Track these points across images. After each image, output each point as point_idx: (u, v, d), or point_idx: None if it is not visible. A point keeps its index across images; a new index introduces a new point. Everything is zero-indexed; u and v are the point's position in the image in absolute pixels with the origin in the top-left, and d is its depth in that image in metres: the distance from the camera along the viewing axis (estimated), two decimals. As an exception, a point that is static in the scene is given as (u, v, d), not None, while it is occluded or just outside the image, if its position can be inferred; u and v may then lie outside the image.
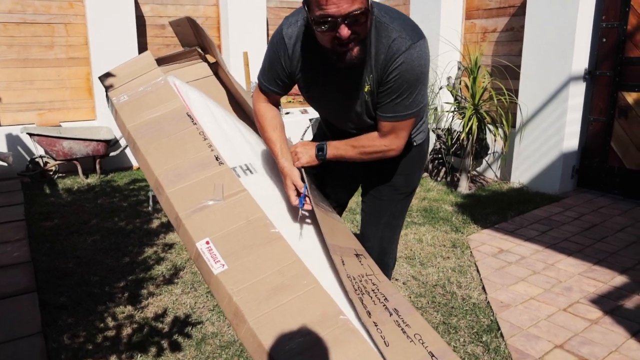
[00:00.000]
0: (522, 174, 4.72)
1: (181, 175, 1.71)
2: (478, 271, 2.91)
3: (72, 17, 5.42)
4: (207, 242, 1.53)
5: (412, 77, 1.52)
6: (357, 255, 1.71)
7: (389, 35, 1.50)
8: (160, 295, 2.70)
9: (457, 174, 4.84)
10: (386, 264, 2.01)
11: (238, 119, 2.09)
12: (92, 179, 5.06)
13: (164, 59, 2.28)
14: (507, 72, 4.85)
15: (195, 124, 1.89)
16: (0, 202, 4.34)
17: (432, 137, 5.35)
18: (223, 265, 1.47)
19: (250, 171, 1.81)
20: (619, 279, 2.82)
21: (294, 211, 1.76)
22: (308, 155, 1.74)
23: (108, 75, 2.11)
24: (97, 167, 5.14)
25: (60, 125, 5.28)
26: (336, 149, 1.73)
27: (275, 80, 1.72)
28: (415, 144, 1.87)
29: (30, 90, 5.35)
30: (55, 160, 5.00)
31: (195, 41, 2.38)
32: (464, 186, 4.59)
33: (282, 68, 1.68)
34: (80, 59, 5.53)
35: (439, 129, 5.13)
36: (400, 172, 1.89)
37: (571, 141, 4.44)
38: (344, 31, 1.38)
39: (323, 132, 2.02)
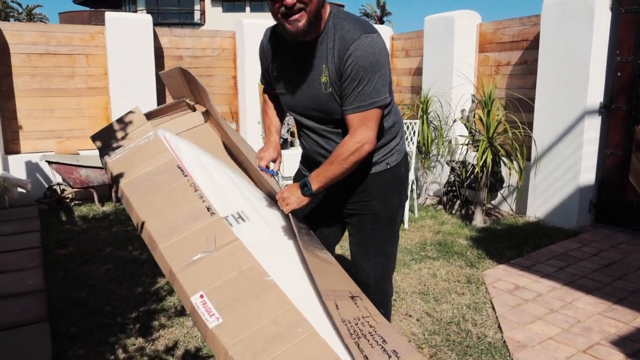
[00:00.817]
0: (538, 208, 4.67)
1: (173, 229, 1.73)
2: (494, 308, 2.86)
3: (92, 49, 5.57)
4: (202, 296, 1.53)
5: (366, 63, 1.63)
6: (352, 297, 1.70)
7: (343, 28, 1.66)
8: (172, 327, 2.68)
9: (472, 207, 4.80)
10: (385, 291, 2.01)
11: (229, 167, 2.11)
12: (108, 207, 5.11)
13: (153, 113, 2.34)
14: (521, 105, 4.85)
15: (186, 175, 1.93)
16: (17, 229, 4.39)
17: (446, 170, 5.34)
18: (218, 318, 1.47)
19: (242, 219, 1.81)
20: (640, 319, 2.74)
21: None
22: (296, 197, 1.77)
23: (100, 134, 2.18)
24: (113, 195, 5.20)
25: (78, 154, 5.37)
26: (318, 175, 1.76)
27: (264, 75, 1.99)
28: (388, 166, 1.90)
29: (51, 118, 5.48)
30: (72, 187, 5.06)
31: (185, 92, 2.41)
32: (479, 219, 4.55)
33: (263, 64, 1.94)
34: (100, 89, 5.65)
35: (453, 161, 5.11)
36: (376, 196, 1.90)
37: (587, 175, 4.40)
38: None
39: (300, 174, 2.07)
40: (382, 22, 37.14)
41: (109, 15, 5.54)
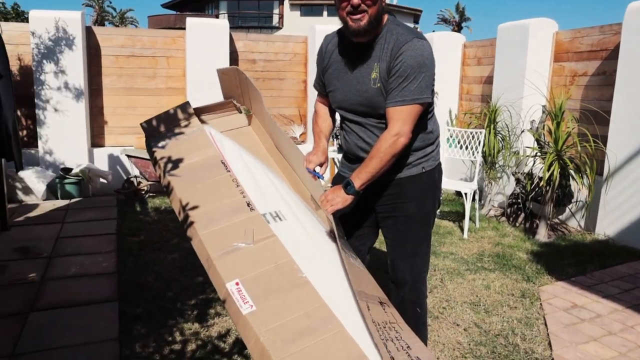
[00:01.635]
0: (608, 226, 4.43)
1: (214, 219, 1.82)
2: (546, 325, 2.77)
3: (173, 51, 5.95)
4: (237, 284, 1.60)
5: (414, 62, 1.78)
6: (381, 303, 1.74)
7: (398, 33, 1.83)
8: (226, 316, 2.83)
9: (536, 221, 4.64)
10: (420, 290, 2.07)
11: (269, 169, 2.19)
12: (178, 200, 5.43)
13: (201, 109, 2.45)
14: (595, 118, 4.63)
15: (229, 171, 2.02)
16: (97, 215, 4.79)
17: (512, 182, 5.19)
18: (252, 306, 1.53)
19: (280, 218, 1.89)
20: None
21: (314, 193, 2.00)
22: (340, 197, 1.87)
23: (150, 122, 2.29)
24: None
25: (154, 149, 5.74)
26: (359, 173, 1.86)
27: (318, 81, 2.12)
28: (424, 169, 1.99)
29: (132, 115, 5.90)
30: (148, 180, 5.43)
31: (236, 92, 2.52)
32: (543, 234, 4.39)
33: (320, 65, 2.07)
34: (178, 89, 6.02)
35: (519, 173, 4.97)
36: (410, 199, 1.98)
37: (666, 194, 4.12)
38: None
39: (339, 176, 2.16)
40: (460, 28, 36.32)
41: (190, 20, 5.89)
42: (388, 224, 2.06)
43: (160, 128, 2.27)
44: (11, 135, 3.51)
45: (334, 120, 2.22)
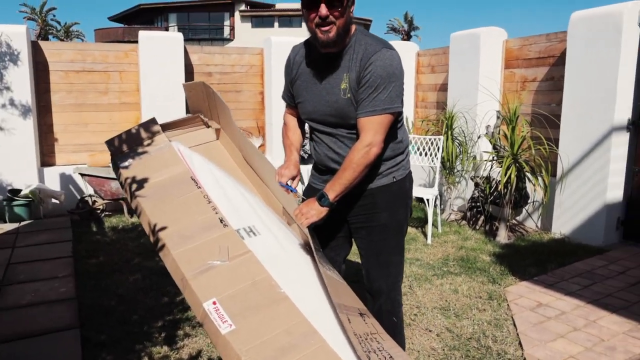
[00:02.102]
0: (563, 225, 4.61)
1: (186, 237, 1.76)
2: (515, 325, 2.84)
3: (126, 66, 5.79)
4: (214, 303, 1.55)
5: (384, 72, 1.79)
6: (361, 314, 1.74)
7: (366, 42, 1.85)
8: (196, 337, 2.75)
9: (496, 223, 4.77)
10: (395, 299, 2.08)
11: (240, 184, 2.16)
12: (137, 219, 5.26)
13: (168, 125, 2.38)
14: (547, 121, 4.82)
15: (200, 187, 1.97)
16: (51, 238, 4.57)
17: (471, 186, 5.32)
18: (231, 325, 1.49)
19: (254, 233, 1.85)
20: (667, 340, 2.69)
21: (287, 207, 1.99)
22: (315, 210, 1.86)
23: (114, 140, 2.21)
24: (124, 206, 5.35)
25: (109, 167, 5.55)
26: (333, 184, 1.86)
27: (287, 92, 2.12)
28: (395, 179, 2.00)
29: (84, 132, 5.69)
30: (103, 199, 5.24)
31: (204, 107, 2.48)
32: (503, 235, 4.52)
33: (288, 76, 2.07)
34: (131, 104, 5.86)
35: (478, 177, 5.10)
36: (382, 209, 2.00)
37: (615, 192, 4.33)
38: (323, 10, 1.74)
39: (310, 187, 2.17)
40: (409, 37, 37.19)
41: (142, 34, 5.76)
42: (361, 235, 2.06)
43: (126, 146, 2.18)
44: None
45: (303, 132, 2.21)
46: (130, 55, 5.79)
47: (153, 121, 2.29)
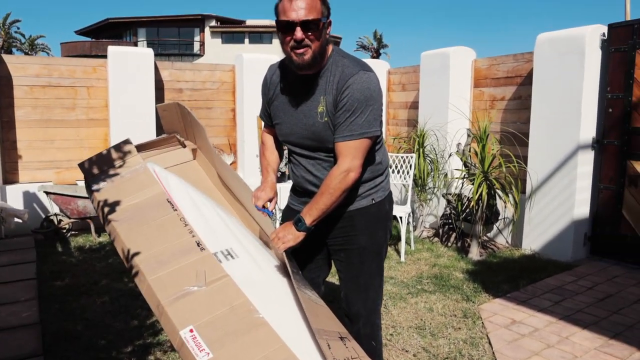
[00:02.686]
0: (533, 241, 4.69)
1: (162, 262, 1.72)
2: (490, 344, 2.85)
3: (94, 81, 5.67)
4: (191, 330, 1.51)
5: (361, 96, 1.77)
6: (341, 338, 1.71)
7: (343, 64, 1.83)
8: (167, 362, 2.66)
9: (468, 240, 4.82)
10: (375, 324, 2.05)
11: (217, 204, 2.12)
12: (104, 238, 5.11)
13: (143, 145, 2.35)
14: (516, 139, 4.94)
15: (176, 210, 1.92)
16: (13, 259, 4.38)
17: (442, 203, 5.38)
18: (208, 353, 1.45)
19: (232, 256, 1.82)
20: (638, 355, 2.74)
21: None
22: (291, 235, 1.84)
23: (87, 162, 2.16)
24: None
25: (76, 184, 5.39)
26: (310, 209, 1.83)
27: (264, 111, 2.08)
28: (374, 201, 1.98)
29: (50, 149, 5.52)
30: (70, 218, 5.07)
31: (179, 126, 2.45)
32: (475, 252, 4.56)
33: (265, 95, 2.03)
34: (100, 120, 5.72)
35: (449, 194, 5.16)
36: (362, 231, 1.97)
37: (582, 208, 4.44)
38: (299, 33, 1.72)
39: (289, 208, 2.14)
40: (378, 55, 37.78)
41: (112, 49, 5.65)
42: (340, 257, 2.03)
43: (99, 168, 2.12)
44: None
45: (281, 152, 2.18)
46: (99, 70, 5.68)
47: (127, 142, 2.24)
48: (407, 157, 5.03)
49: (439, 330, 3.04)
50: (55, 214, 5.12)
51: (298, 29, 1.72)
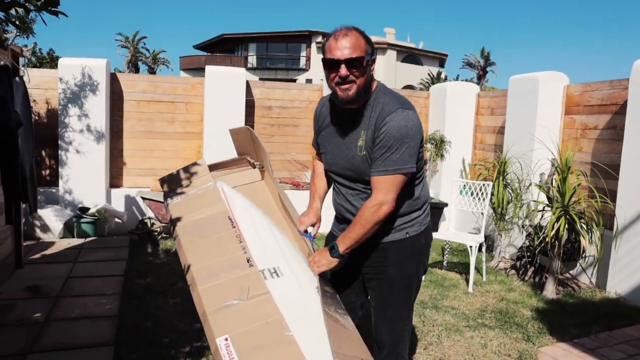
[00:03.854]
0: (619, 283, 4.32)
1: (213, 274, 1.90)
2: (540, 390, 2.71)
3: (192, 97, 6.18)
4: (226, 339, 1.66)
5: (397, 133, 1.83)
6: None
7: (384, 101, 1.90)
8: (217, 366, 2.85)
9: (546, 275, 4.55)
10: (399, 354, 2.07)
11: (274, 225, 2.26)
12: (189, 242, 5.52)
13: (216, 165, 2.57)
14: (607, 172, 4.59)
15: (235, 227, 2.10)
16: (109, 256, 4.91)
17: (523, 234, 5.13)
18: None
19: (277, 274, 1.95)
20: None
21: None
22: (326, 260, 1.95)
23: (167, 178, 2.43)
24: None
25: (169, 191, 5.89)
26: (343, 238, 1.93)
27: (315, 140, 2.20)
28: (408, 235, 2.01)
29: (150, 158, 6.11)
30: (161, 222, 5.56)
31: (249, 149, 2.64)
32: (550, 290, 4.30)
33: (315, 125, 2.16)
34: (195, 134, 6.22)
35: (529, 225, 4.92)
36: (393, 263, 2.01)
37: (678, 253, 4.02)
38: (343, 70, 1.82)
39: (331, 235, 2.22)
40: (485, 72, 36.51)
41: (209, 68, 6.14)
42: (372, 286, 2.09)
43: (176, 184, 2.41)
44: (27, 179, 3.68)
45: (329, 180, 2.28)
46: (197, 87, 6.19)
47: (200, 162, 2.50)
48: (485, 184, 4.88)
49: (489, 368, 2.94)
50: (149, 218, 5.65)
51: (342, 66, 1.81)
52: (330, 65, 1.85)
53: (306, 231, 2.14)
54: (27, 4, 2.25)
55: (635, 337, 3.46)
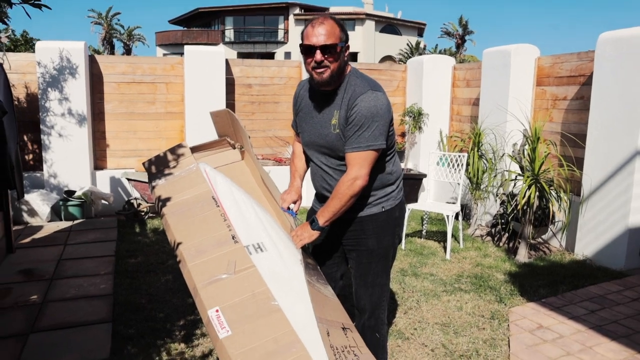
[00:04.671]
0: (586, 246, 4.60)
1: (201, 251, 2.04)
2: (509, 346, 2.95)
3: (172, 77, 6.22)
4: (217, 311, 1.81)
5: (367, 113, 1.99)
6: (343, 328, 1.94)
7: (355, 84, 2.06)
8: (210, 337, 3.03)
9: (519, 240, 4.81)
10: (379, 317, 2.28)
11: (256, 202, 2.41)
12: (176, 221, 5.65)
13: (198, 147, 2.69)
14: (577, 140, 4.82)
15: (219, 206, 2.24)
16: (98, 237, 5.03)
17: (497, 203, 5.37)
18: (228, 331, 1.75)
19: (261, 249, 2.10)
20: (662, 370, 2.73)
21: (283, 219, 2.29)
22: (307, 233, 2.13)
23: (151, 161, 2.55)
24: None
25: (154, 172, 5.99)
26: (322, 211, 2.11)
27: (294, 121, 2.36)
28: (383, 209, 2.20)
29: (133, 139, 6.17)
30: (147, 202, 5.66)
31: (229, 130, 2.77)
32: (522, 254, 4.57)
33: (294, 106, 2.32)
34: (176, 114, 6.28)
35: (503, 194, 5.15)
36: (371, 235, 2.20)
37: (638, 216, 4.29)
38: (318, 55, 1.98)
39: (312, 210, 2.40)
40: (463, 41, 36.55)
41: (188, 48, 6.16)
42: (352, 256, 2.28)
43: (160, 166, 2.52)
44: (14, 166, 3.75)
45: (308, 159, 2.44)
46: (176, 67, 6.22)
47: (182, 145, 2.62)
48: (459, 156, 5.08)
49: (463, 329, 3.18)
50: (135, 198, 5.75)
51: (318, 52, 1.98)
52: (307, 51, 2.00)
53: (289, 208, 2.30)
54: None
55: (598, 295, 3.74)
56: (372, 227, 2.20)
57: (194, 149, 2.69)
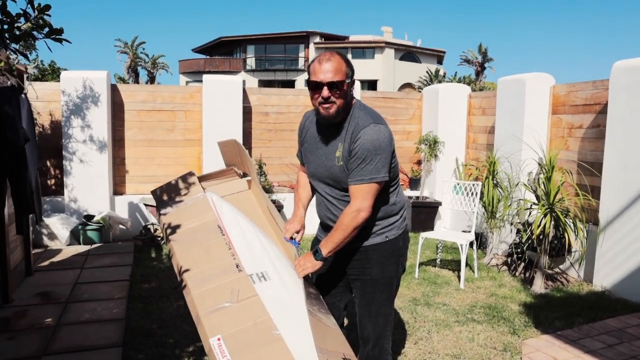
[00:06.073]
0: (605, 277, 4.50)
1: (205, 279, 2.07)
2: (521, 379, 2.89)
3: (191, 105, 6.37)
4: (219, 339, 1.82)
5: (370, 146, 2.02)
6: (344, 359, 1.93)
7: (359, 117, 2.09)
8: (219, 364, 3.04)
9: (535, 270, 4.73)
10: (383, 347, 2.26)
11: (261, 231, 2.44)
12: (191, 247, 5.71)
13: (206, 176, 2.74)
14: (594, 168, 4.76)
15: (224, 235, 2.27)
16: (114, 261, 5.10)
17: (513, 232, 5.30)
18: (229, 359, 1.76)
19: (265, 278, 2.12)
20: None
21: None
22: (310, 263, 2.14)
23: (160, 189, 2.60)
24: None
25: (171, 197, 6.09)
26: (326, 242, 2.12)
27: (299, 151, 2.39)
28: (387, 238, 2.21)
29: (152, 165, 6.30)
30: (163, 227, 5.74)
31: (236, 160, 2.82)
32: (539, 285, 4.48)
33: (299, 138, 2.36)
34: (194, 141, 6.41)
35: (519, 222, 5.09)
36: (374, 264, 2.20)
37: (659, 247, 4.19)
38: (325, 92, 2.02)
39: (317, 240, 2.40)
40: (483, 69, 36.62)
41: (206, 77, 6.32)
42: (356, 285, 2.28)
43: (168, 195, 2.57)
44: (33, 191, 3.87)
45: (312, 189, 2.47)
46: (195, 96, 6.37)
47: (191, 174, 2.68)
48: (474, 184, 5.06)
49: (474, 360, 3.12)
50: (152, 224, 5.84)
51: (325, 88, 2.01)
52: (314, 87, 2.04)
53: (292, 238, 2.32)
54: (34, 33, 2.44)
55: (616, 328, 3.64)
56: (375, 257, 2.21)
57: (202, 178, 2.74)
